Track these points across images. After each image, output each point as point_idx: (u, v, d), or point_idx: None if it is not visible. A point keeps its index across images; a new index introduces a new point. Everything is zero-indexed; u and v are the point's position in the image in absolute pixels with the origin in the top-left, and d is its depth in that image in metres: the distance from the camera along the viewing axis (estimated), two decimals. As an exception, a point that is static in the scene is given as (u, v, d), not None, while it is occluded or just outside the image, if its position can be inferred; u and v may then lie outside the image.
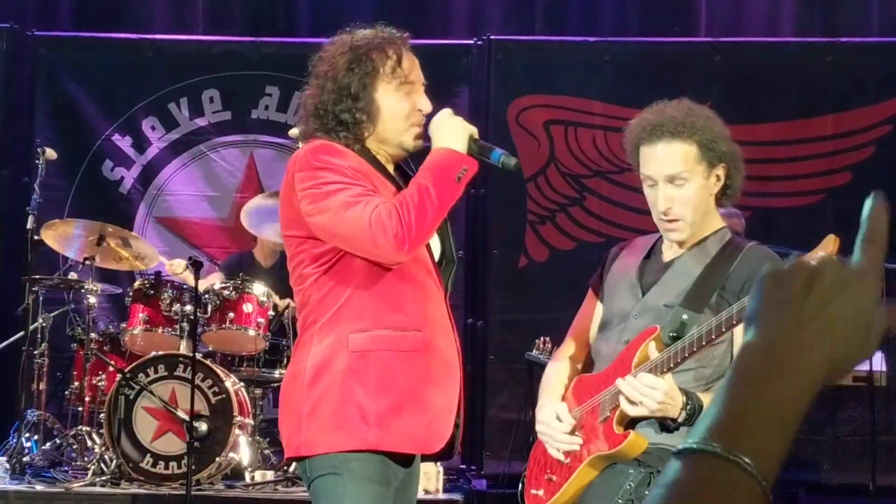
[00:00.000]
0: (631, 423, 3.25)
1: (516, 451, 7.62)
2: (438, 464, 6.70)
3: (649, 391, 3.12)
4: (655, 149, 3.42)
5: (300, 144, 7.09)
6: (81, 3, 8.71)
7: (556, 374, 3.63)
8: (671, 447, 3.18)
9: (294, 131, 6.91)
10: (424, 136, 3.28)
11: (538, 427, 3.50)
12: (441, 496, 6.37)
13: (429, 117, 3.30)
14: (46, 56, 8.30)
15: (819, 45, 8.24)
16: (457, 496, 6.38)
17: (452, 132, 3.18)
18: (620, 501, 3.24)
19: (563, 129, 8.12)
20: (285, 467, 6.59)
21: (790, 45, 8.43)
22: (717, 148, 3.44)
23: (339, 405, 3.05)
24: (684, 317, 3.28)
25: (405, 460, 3.18)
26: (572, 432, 3.37)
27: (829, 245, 2.98)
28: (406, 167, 3.52)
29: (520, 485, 3.62)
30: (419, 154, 3.33)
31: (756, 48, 8.37)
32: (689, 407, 3.14)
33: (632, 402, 3.15)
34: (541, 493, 3.47)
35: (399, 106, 3.23)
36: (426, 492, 6.14)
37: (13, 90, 8.31)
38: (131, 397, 6.64)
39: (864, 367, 6.30)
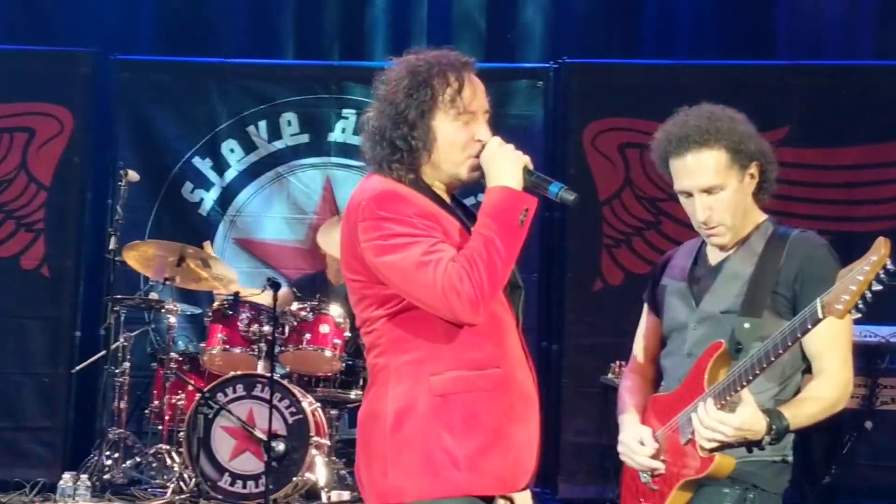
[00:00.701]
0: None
1: (591, 476, 7.61)
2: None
3: (718, 426, 3.07)
4: (685, 161, 3.39)
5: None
6: (162, 27, 8.85)
7: (630, 394, 3.59)
8: (766, 459, 3.21)
9: (371, 154, 7.02)
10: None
11: (621, 450, 3.46)
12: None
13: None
14: (128, 79, 8.43)
15: (899, 67, 8.18)
16: (531, 519, 6.35)
17: (507, 165, 3.09)
18: None
19: (638, 152, 8.09)
20: (360, 488, 6.61)
21: (869, 67, 8.35)
22: (746, 148, 3.38)
23: (426, 450, 2.97)
24: (746, 325, 3.22)
25: (489, 500, 3.10)
26: (656, 455, 3.32)
27: (880, 248, 2.94)
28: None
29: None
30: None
31: (835, 71, 8.29)
32: (773, 431, 3.07)
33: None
34: None
35: (456, 136, 3.11)
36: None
37: (96, 113, 8.45)
38: (210, 416, 6.71)
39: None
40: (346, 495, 6.63)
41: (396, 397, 3.01)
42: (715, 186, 3.34)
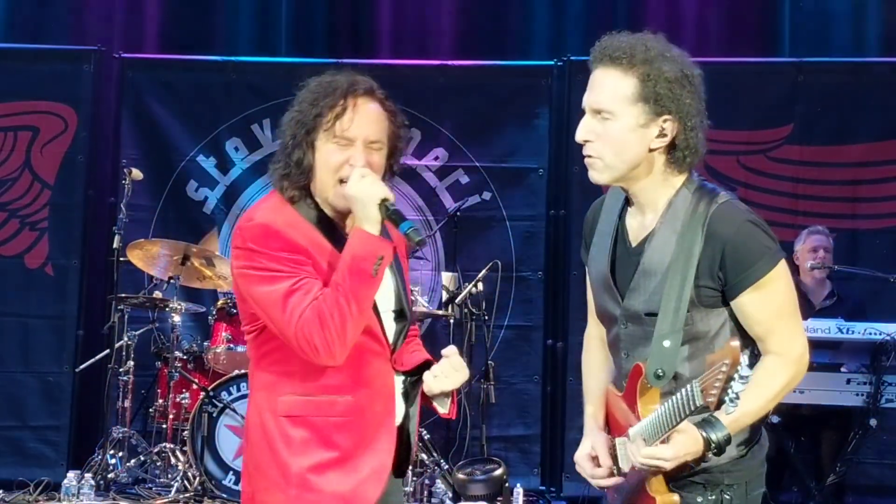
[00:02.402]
0: None
1: (596, 474, 7.61)
2: (519, 485, 6.71)
3: (653, 462, 2.84)
4: (594, 75, 3.05)
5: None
6: (167, 26, 8.85)
7: (591, 372, 3.39)
8: (731, 456, 2.95)
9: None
10: None
11: (577, 468, 3.28)
12: (520, 517, 6.36)
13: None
14: (133, 78, 8.43)
15: (905, 65, 8.17)
16: (536, 518, 6.36)
17: (363, 202, 2.99)
18: None
19: (644, 149, 8.10)
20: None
21: (876, 64, 8.34)
22: (662, 92, 2.93)
23: (267, 466, 3.08)
24: (665, 344, 2.90)
25: None
26: (614, 472, 3.10)
27: (728, 355, 2.58)
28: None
29: None
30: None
31: (841, 68, 8.27)
32: (714, 446, 2.80)
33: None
34: None
35: (329, 158, 3.06)
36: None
37: (100, 112, 8.45)
38: (214, 415, 6.73)
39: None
40: (350, 494, 6.63)
41: (252, 411, 3.14)
42: (605, 111, 2.99)
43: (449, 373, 3.07)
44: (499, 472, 6.62)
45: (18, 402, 7.98)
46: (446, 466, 6.93)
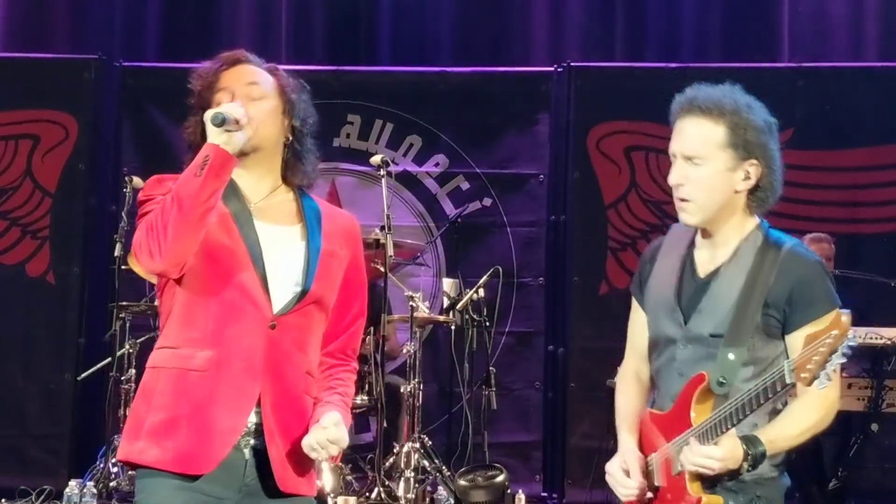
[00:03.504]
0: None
1: (598, 480, 7.58)
2: (520, 491, 6.70)
3: (705, 461, 3.05)
4: (683, 123, 3.28)
5: (382, 172, 7.18)
6: (167, 35, 8.87)
7: (626, 403, 3.53)
8: (766, 475, 3.18)
9: (375, 159, 7.07)
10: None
11: (608, 479, 3.39)
12: (522, 523, 6.37)
13: None
14: (133, 86, 8.45)
15: (904, 69, 8.18)
16: (538, 524, 6.37)
17: (206, 122, 3.04)
18: None
19: (643, 155, 8.10)
20: (367, 493, 6.62)
21: (874, 69, 8.35)
22: (747, 138, 3.21)
23: (131, 417, 3.11)
24: (731, 356, 3.13)
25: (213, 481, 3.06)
26: (645, 486, 3.27)
27: (839, 323, 2.81)
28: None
29: None
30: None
31: (840, 73, 8.28)
32: (750, 458, 3.04)
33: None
34: None
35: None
36: None
37: (101, 120, 8.47)
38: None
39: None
40: (352, 500, 6.62)
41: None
42: (697, 157, 3.23)
43: (325, 445, 3.01)
44: (500, 478, 6.63)
45: (20, 411, 7.98)
46: (448, 473, 6.93)
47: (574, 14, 8.73)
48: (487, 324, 7.45)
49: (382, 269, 6.98)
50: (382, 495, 6.51)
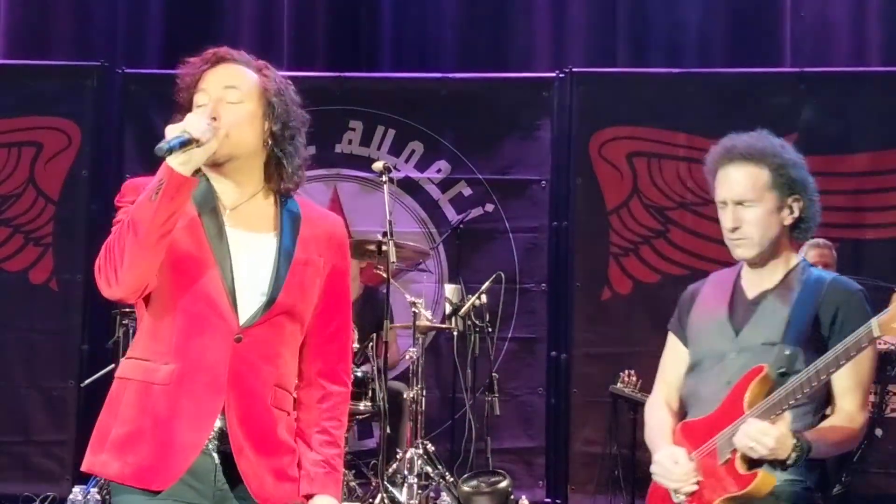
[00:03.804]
0: (752, 464, 3.31)
1: (601, 485, 7.61)
2: (524, 497, 6.70)
3: (761, 437, 3.23)
4: (728, 171, 3.55)
5: (384, 178, 7.16)
6: (170, 41, 8.86)
7: (659, 421, 3.69)
8: (800, 484, 3.38)
9: (377, 165, 7.06)
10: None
11: (654, 470, 3.55)
12: (526, 530, 6.37)
13: None
14: (135, 93, 8.45)
15: (908, 74, 8.18)
16: (542, 530, 6.36)
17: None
18: None
19: (646, 160, 8.10)
20: (370, 500, 6.62)
21: (877, 74, 8.34)
22: (788, 175, 3.53)
23: (97, 428, 3.03)
24: (787, 352, 3.38)
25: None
26: (690, 476, 3.44)
27: None
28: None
29: None
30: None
31: (843, 78, 8.27)
32: (798, 449, 3.22)
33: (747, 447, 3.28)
34: None
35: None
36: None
37: (104, 127, 8.47)
38: (219, 428, 6.70)
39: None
40: (355, 507, 6.64)
41: None
42: (748, 200, 3.50)
43: None
44: (504, 484, 6.62)
45: (23, 417, 7.98)
46: (451, 479, 6.93)
47: (576, 19, 8.73)
48: (490, 330, 7.45)
49: (385, 275, 6.98)
50: (386, 501, 6.50)
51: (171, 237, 2.95)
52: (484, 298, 7.34)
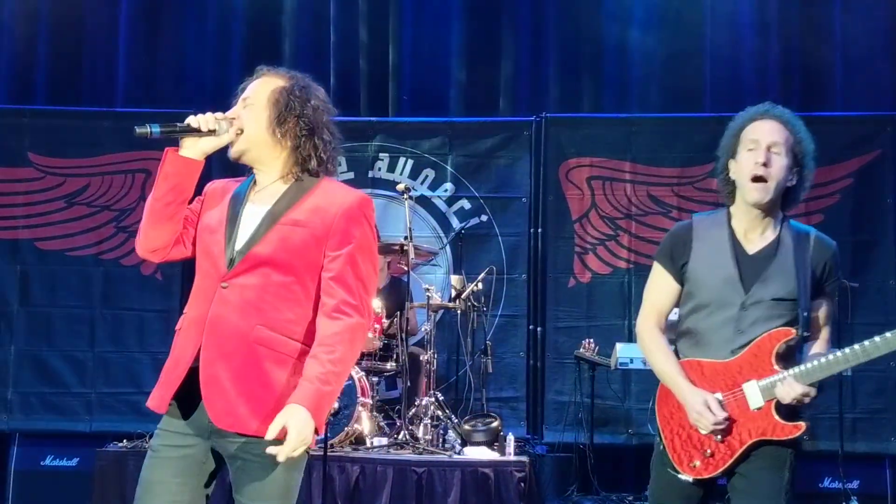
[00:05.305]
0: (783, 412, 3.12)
1: (568, 425, 7.61)
2: (510, 433, 6.71)
3: (804, 399, 3.06)
4: (762, 123, 3.24)
5: (405, 196, 7.14)
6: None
7: (668, 356, 3.28)
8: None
9: (400, 186, 7.08)
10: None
11: (692, 417, 3.16)
12: (513, 458, 6.36)
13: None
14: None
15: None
16: (524, 458, 6.37)
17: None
18: (787, 474, 3.13)
19: (601, 183, 8.10)
20: (395, 435, 6.62)
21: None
22: (802, 147, 3.23)
23: None
24: (805, 314, 3.14)
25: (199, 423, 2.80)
26: (724, 421, 3.13)
27: None
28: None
29: (658, 453, 3.28)
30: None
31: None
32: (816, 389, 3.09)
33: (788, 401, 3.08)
34: (697, 463, 3.18)
35: None
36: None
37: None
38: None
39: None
40: (384, 441, 6.64)
41: None
42: (778, 146, 3.19)
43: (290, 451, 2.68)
44: (495, 424, 6.63)
45: (136, 374, 7.99)
46: (456, 420, 6.94)
47: (549, 76, 8.72)
48: (485, 309, 7.46)
49: (406, 268, 7.00)
50: (407, 436, 6.52)
51: (182, 211, 2.88)
52: (480, 285, 7.35)
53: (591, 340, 7.34)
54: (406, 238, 6.97)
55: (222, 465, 2.86)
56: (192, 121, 2.84)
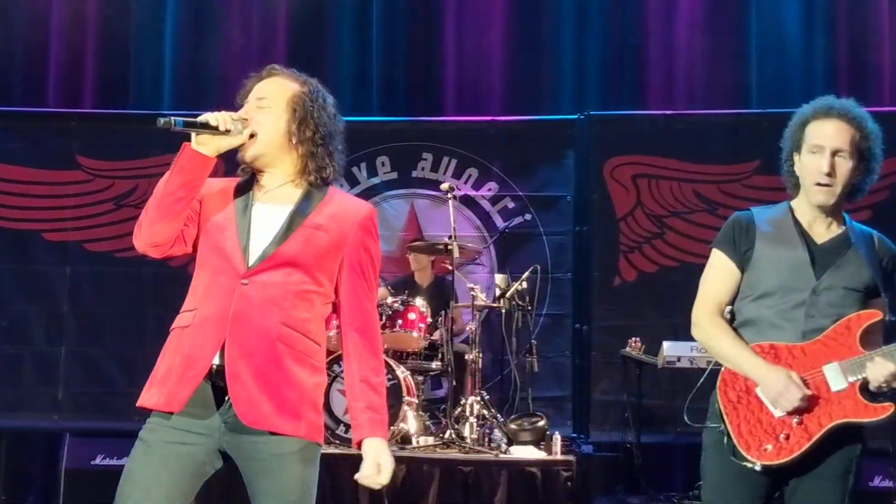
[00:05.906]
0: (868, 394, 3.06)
1: (614, 424, 7.60)
2: (557, 432, 6.71)
3: (894, 382, 3.00)
4: (827, 123, 3.19)
5: (449, 195, 7.17)
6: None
7: (735, 339, 3.17)
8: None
9: (444, 186, 7.11)
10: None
11: (771, 394, 3.07)
12: (559, 457, 6.36)
13: None
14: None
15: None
16: (570, 458, 6.37)
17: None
18: (852, 479, 3.08)
19: (647, 181, 8.08)
20: (441, 434, 6.65)
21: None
22: (869, 143, 3.19)
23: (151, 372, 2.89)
24: (884, 298, 3.12)
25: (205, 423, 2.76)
26: (808, 399, 3.04)
27: None
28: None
29: (727, 438, 3.13)
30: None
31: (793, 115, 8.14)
32: None
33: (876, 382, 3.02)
34: (769, 448, 3.06)
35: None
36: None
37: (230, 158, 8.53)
38: (329, 383, 6.77)
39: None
40: (430, 440, 6.67)
41: None
42: (843, 151, 3.14)
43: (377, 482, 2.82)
44: (542, 423, 6.64)
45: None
46: (501, 419, 6.95)
47: (593, 74, 8.71)
48: (529, 308, 7.46)
49: (451, 267, 7.03)
50: (453, 436, 6.55)
51: (189, 207, 2.83)
52: (524, 284, 7.35)
53: (638, 339, 7.32)
54: (450, 237, 7.00)
55: (220, 469, 2.84)
56: (211, 118, 2.81)
